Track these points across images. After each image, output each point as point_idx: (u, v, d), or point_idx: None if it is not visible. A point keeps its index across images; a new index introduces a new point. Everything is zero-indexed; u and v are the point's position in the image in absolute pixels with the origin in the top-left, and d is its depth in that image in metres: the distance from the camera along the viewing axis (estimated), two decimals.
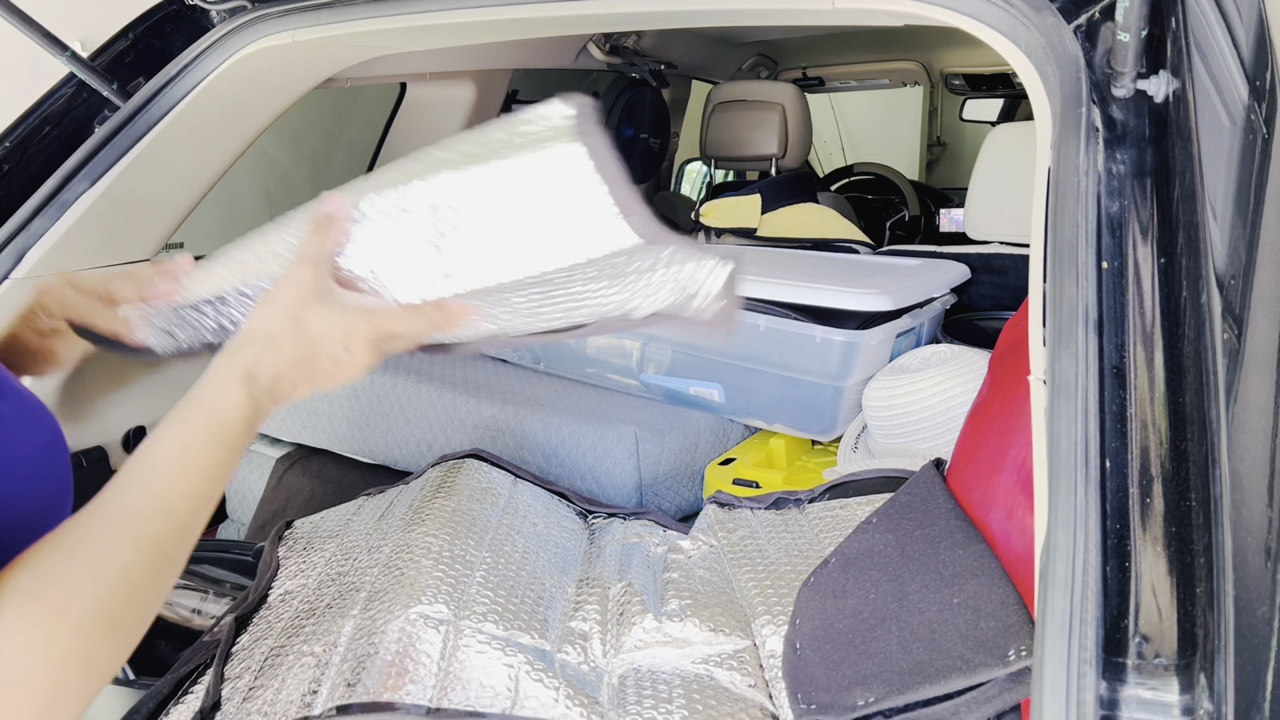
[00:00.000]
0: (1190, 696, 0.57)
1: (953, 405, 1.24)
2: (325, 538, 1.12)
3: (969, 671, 0.69)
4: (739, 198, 2.12)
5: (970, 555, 0.81)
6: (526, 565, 1.02)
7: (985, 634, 0.72)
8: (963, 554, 0.82)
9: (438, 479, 1.19)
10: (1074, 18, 0.86)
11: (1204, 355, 0.67)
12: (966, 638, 0.72)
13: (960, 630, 0.73)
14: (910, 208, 3.36)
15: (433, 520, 1.05)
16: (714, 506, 1.20)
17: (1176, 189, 0.76)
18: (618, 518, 1.22)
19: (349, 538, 1.09)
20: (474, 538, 1.03)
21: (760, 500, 1.19)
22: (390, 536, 1.03)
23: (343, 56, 1.60)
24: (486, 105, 2.41)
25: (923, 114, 5.10)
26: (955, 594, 0.77)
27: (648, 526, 1.19)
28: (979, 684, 0.69)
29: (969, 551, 0.82)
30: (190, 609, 1.09)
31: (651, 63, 2.76)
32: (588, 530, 1.20)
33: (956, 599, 0.76)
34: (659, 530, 1.18)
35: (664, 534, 1.17)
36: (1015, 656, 0.69)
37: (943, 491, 0.96)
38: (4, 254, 1.32)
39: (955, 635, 0.73)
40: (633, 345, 1.51)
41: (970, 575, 0.79)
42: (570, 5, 1.19)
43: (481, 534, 1.04)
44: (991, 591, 0.76)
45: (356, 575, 0.98)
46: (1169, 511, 0.65)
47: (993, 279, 1.75)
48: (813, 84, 3.66)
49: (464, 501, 1.12)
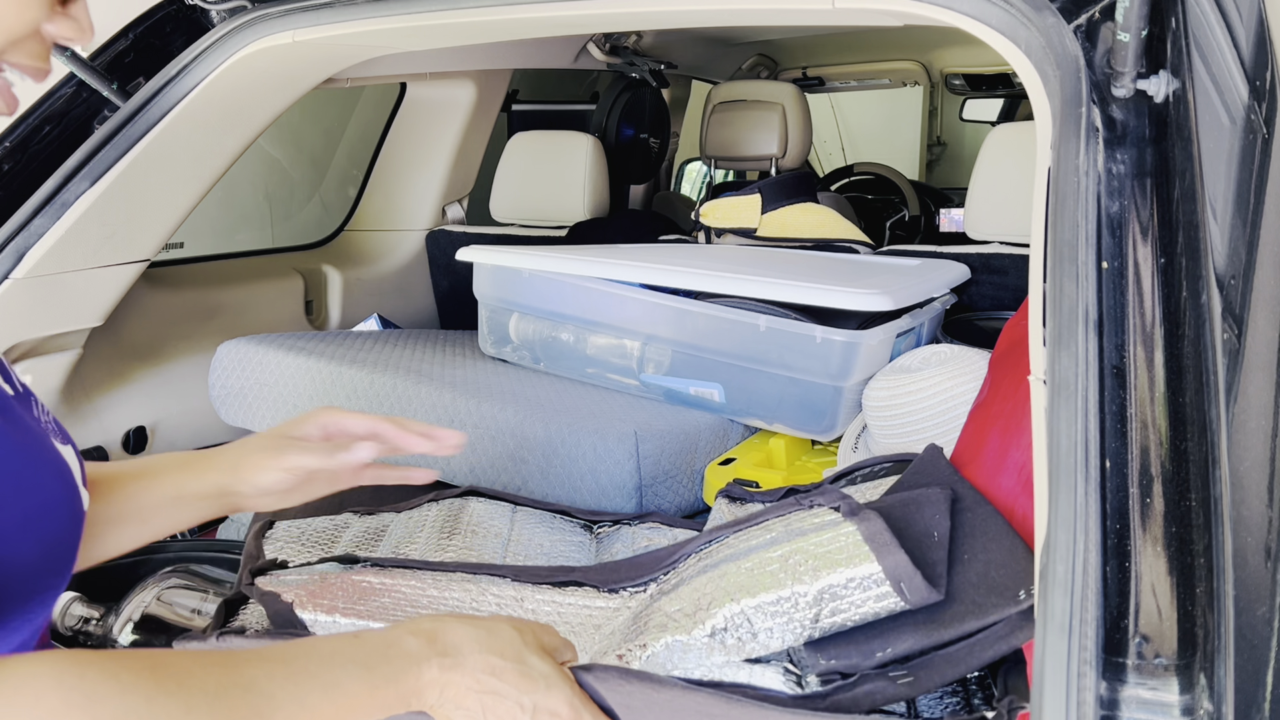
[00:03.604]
0: (1190, 696, 0.57)
1: (953, 405, 1.24)
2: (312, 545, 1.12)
3: (981, 614, 0.71)
4: (739, 198, 2.12)
5: (978, 516, 0.83)
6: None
7: (996, 581, 0.73)
8: (970, 516, 0.83)
9: (441, 518, 1.18)
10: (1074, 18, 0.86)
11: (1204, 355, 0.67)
12: (978, 586, 0.74)
13: (971, 580, 0.75)
14: (910, 208, 3.36)
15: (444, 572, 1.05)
16: (724, 500, 1.21)
17: (1176, 189, 0.76)
18: (623, 524, 1.22)
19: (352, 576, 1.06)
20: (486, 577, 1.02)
21: (771, 494, 1.20)
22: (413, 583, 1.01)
23: (343, 56, 1.60)
24: (486, 105, 2.41)
25: (923, 114, 5.09)
26: (965, 550, 0.78)
27: (655, 529, 1.19)
28: (991, 624, 0.71)
29: (976, 514, 0.83)
30: (190, 609, 1.09)
31: (651, 63, 2.76)
32: (594, 540, 1.20)
33: (966, 555, 0.78)
34: (667, 530, 1.19)
35: (672, 533, 1.17)
36: (1025, 595, 0.70)
37: (947, 465, 0.97)
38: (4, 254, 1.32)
39: (967, 585, 0.74)
40: (633, 345, 1.52)
41: (979, 534, 0.80)
42: (570, 5, 1.20)
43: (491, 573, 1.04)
44: (1000, 544, 0.77)
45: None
46: (1169, 511, 0.65)
47: (993, 279, 1.75)
48: (813, 84, 3.66)
49: (471, 539, 1.12)
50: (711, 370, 1.45)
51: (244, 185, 2.69)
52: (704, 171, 3.48)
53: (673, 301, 1.47)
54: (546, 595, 0.95)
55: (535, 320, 1.63)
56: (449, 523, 1.18)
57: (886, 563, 0.73)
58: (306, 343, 1.67)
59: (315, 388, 1.55)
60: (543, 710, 0.67)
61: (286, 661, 0.59)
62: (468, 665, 0.66)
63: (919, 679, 0.70)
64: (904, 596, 0.72)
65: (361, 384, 1.50)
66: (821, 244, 2.03)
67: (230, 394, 1.64)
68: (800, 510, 0.87)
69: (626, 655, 0.79)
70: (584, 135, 2.30)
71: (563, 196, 2.29)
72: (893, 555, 0.74)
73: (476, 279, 1.69)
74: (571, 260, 1.56)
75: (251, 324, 1.99)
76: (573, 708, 0.68)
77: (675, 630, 0.77)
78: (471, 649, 0.67)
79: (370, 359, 1.60)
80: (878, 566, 0.74)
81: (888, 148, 5.00)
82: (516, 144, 2.34)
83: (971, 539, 0.80)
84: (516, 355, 1.68)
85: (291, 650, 0.61)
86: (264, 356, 1.61)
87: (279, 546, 1.12)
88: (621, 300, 1.51)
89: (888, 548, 0.74)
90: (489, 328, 1.70)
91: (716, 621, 0.76)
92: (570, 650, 0.75)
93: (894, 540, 0.75)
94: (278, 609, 0.91)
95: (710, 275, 1.46)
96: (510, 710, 0.66)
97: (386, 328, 2.11)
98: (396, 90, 2.39)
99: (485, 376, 1.57)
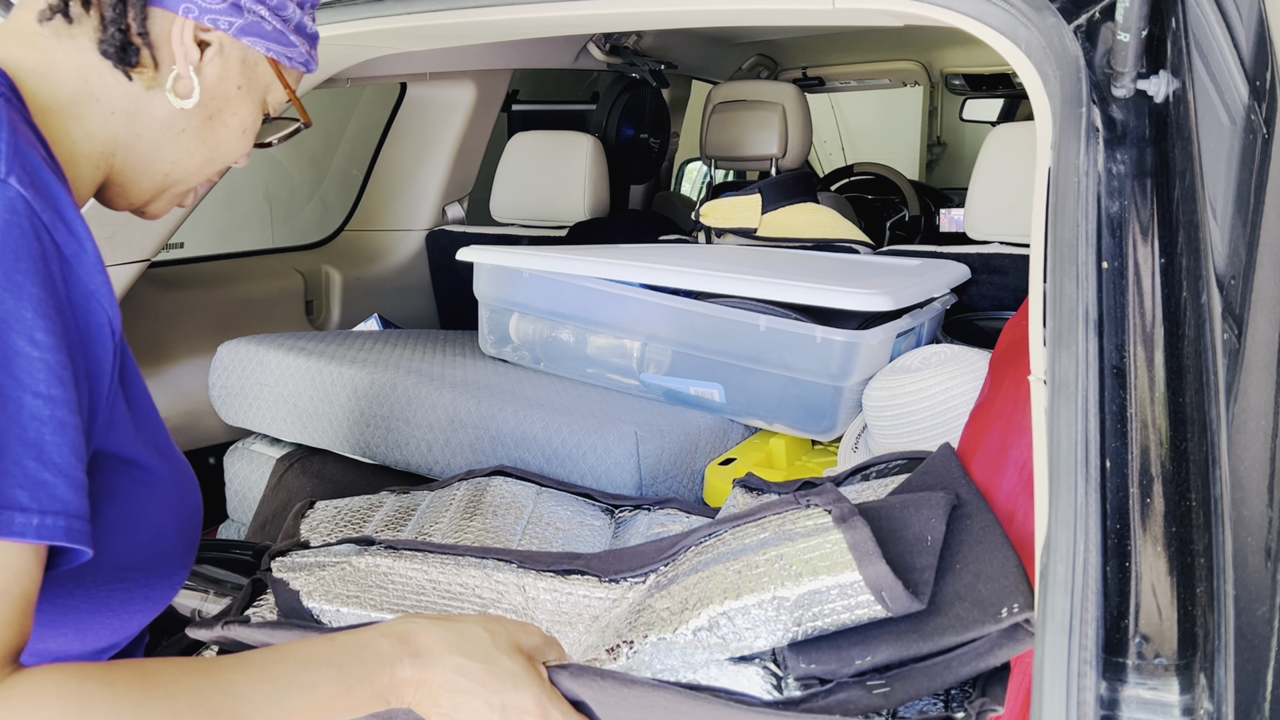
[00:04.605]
0: (1190, 696, 0.57)
1: (953, 405, 1.24)
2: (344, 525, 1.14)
3: (962, 629, 0.71)
4: (739, 198, 2.12)
5: (976, 524, 0.83)
6: None
7: (982, 595, 0.73)
8: (969, 523, 0.83)
9: (465, 498, 1.21)
10: (1074, 18, 0.86)
11: (1204, 355, 0.67)
12: (964, 599, 0.74)
13: (959, 592, 0.75)
14: (910, 208, 3.36)
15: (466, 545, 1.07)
16: (741, 490, 1.22)
17: (1176, 189, 0.76)
18: (643, 509, 1.24)
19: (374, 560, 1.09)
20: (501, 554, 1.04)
21: (787, 485, 1.20)
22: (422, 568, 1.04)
23: (343, 56, 1.60)
24: (486, 105, 2.41)
25: (923, 114, 5.09)
26: (957, 559, 0.79)
27: (671, 515, 1.21)
28: (972, 640, 0.71)
29: (976, 521, 0.83)
30: (190, 609, 1.09)
31: (651, 63, 2.76)
32: (613, 524, 1.22)
33: (958, 564, 0.78)
34: (683, 517, 1.20)
35: (688, 520, 1.19)
36: (1008, 613, 0.70)
37: (958, 466, 0.97)
38: None
39: (953, 597, 0.75)
40: (633, 345, 1.52)
41: (974, 542, 0.80)
42: (570, 5, 1.20)
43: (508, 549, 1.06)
44: (993, 556, 0.77)
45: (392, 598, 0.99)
46: (1169, 511, 0.65)
47: (993, 279, 1.75)
48: (813, 84, 3.66)
49: (490, 520, 1.15)
50: (712, 370, 1.45)
51: (244, 185, 2.69)
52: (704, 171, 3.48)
53: (673, 301, 1.47)
54: (548, 583, 0.96)
55: (535, 320, 1.63)
56: (473, 502, 1.20)
57: (868, 572, 0.74)
58: (306, 343, 1.67)
59: (315, 388, 1.55)
60: (511, 708, 0.70)
61: (264, 666, 0.64)
62: (438, 665, 0.69)
63: (895, 690, 0.71)
64: (885, 605, 0.73)
65: (361, 384, 1.50)
66: (821, 244, 2.03)
67: (230, 394, 1.64)
68: (796, 510, 0.87)
69: (615, 651, 0.80)
70: (584, 135, 2.30)
71: (563, 196, 2.29)
72: (874, 565, 0.74)
73: (476, 279, 1.69)
74: (572, 260, 1.56)
75: (251, 324, 1.99)
76: (540, 705, 0.70)
77: (662, 628, 0.79)
78: (442, 650, 0.70)
79: (370, 359, 1.60)
80: (859, 576, 0.74)
81: (888, 148, 5.00)
82: (516, 144, 2.34)
83: (965, 547, 0.80)
84: (516, 355, 1.68)
85: (270, 656, 0.65)
86: (264, 356, 1.61)
87: (313, 526, 1.14)
88: (622, 300, 1.51)
89: (870, 557, 0.75)
90: (489, 328, 1.70)
91: (700, 621, 0.77)
92: (555, 649, 0.77)
93: (877, 550, 0.75)
94: (285, 597, 0.93)
95: (710, 275, 1.46)
96: (479, 709, 0.69)
97: (386, 328, 2.12)
98: (396, 90, 2.39)
99: (485, 376, 1.57)
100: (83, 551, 0.59)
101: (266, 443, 1.71)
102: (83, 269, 0.63)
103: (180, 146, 0.77)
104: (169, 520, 0.74)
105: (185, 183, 0.81)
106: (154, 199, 0.81)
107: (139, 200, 0.80)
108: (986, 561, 0.77)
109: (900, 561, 0.77)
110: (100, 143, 0.74)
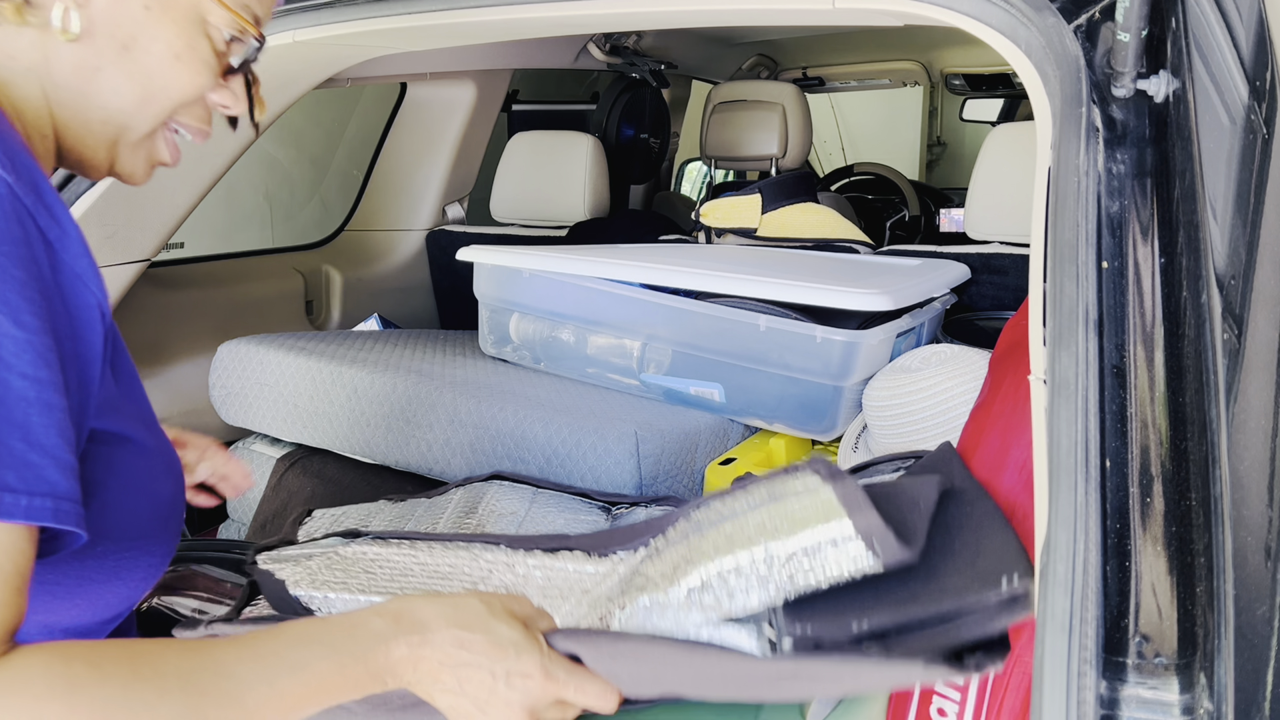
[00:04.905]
0: (1190, 696, 0.57)
1: (953, 405, 1.24)
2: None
3: (959, 596, 0.71)
4: (739, 198, 2.12)
5: (977, 510, 0.83)
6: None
7: (981, 568, 0.73)
8: (969, 509, 0.83)
9: (461, 504, 1.21)
10: (1074, 18, 0.86)
11: (1204, 355, 0.67)
12: (962, 571, 0.74)
13: (958, 566, 0.75)
14: (910, 208, 3.36)
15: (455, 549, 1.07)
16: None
17: (1176, 189, 0.76)
18: (640, 506, 1.24)
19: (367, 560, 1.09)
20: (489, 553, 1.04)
21: None
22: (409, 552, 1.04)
23: (343, 56, 1.60)
24: (486, 105, 2.41)
25: (923, 114, 5.10)
26: (956, 540, 0.79)
27: (668, 512, 1.20)
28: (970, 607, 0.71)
29: (976, 507, 0.84)
30: (190, 609, 1.09)
31: (651, 63, 2.76)
32: (610, 520, 1.22)
33: (957, 544, 0.78)
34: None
35: None
36: (1007, 583, 0.70)
37: (957, 459, 0.97)
38: None
39: (951, 570, 0.75)
40: (633, 345, 1.52)
41: (974, 526, 0.80)
42: (570, 5, 1.20)
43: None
44: (993, 537, 0.78)
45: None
46: (1169, 511, 0.65)
47: (993, 279, 1.75)
48: (813, 84, 3.66)
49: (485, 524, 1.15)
50: (712, 370, 1.45)
51: (244, 185, 2.69)
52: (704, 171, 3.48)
53: (673, 301, 1.47)
54: (537, 560, 0.96)
55: (535, 320, 1.63)
56: (469, 509, 1.20)
57: (858, 519, 0.73)
58: (306, 343, 1.67)
59: (315, 388, 1.55)
60: (515, 674, 0.68)
61: (255, 645, 0.62)
62: (436, 640, 0.68)
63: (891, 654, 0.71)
64: (875, 552, 0.72)
65: (361, 384, 1.50)
66: (821, 244, 2.03)
67: (230, 394, 1.64)
68: (785, 476, 0.87)
69: (606, 617, 0.80)
70: (584, 135, 2.30)
71: (563, 196, 2.29)
72: (865, 513, 0.74)
73: (477, 279, 1.69)
74: (572, 260, 1.56)
75: (251, 324, 1.99)
76: (544, 669, 0.70)
77: (654, 590, 0.79)
78: (438, 624, 0.68)
79: (370, 359, 1.60)
80: (850, 524, 0.74)
81: (888, 148, 5.00)
82: (517, 144, 2.34)
83: (966, 530, 0.80)
84: (517, 355, 1.68)
85: (261, 636, 0.64)
86: (264, 356, 1.61)
87: (310, 533, 1.14)
88: (622, 300, 1.51)
89: (860, 506, 0.74)
90: (489, 328, 1.70)
91: (692, 581, 0.77)
92: (546, 618, 0.76)
93: (868, 500, 0.75)
94: (272, 587, 0.93)
95: (710, 275, 1.46)
96: (484, 679, 0.68)
97: (386, 328, 2.12)
98: (396, 90, 2.39)
99: (485, 376, 1.57)
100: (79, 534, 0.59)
101: (266, 443, 1.71)
102: (68, 253, 0.62)
103: (105, 87, 0.70)
104: (163, 488, 0.75)
105: (134, 129, 0.73)
106: (112, 155, 0.74)
107: (97, 159, 0.74)
108: (987, 541, 0.77)
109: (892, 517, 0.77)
110: (34, 105, 0.69)
